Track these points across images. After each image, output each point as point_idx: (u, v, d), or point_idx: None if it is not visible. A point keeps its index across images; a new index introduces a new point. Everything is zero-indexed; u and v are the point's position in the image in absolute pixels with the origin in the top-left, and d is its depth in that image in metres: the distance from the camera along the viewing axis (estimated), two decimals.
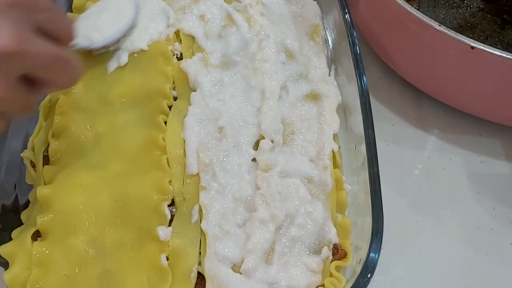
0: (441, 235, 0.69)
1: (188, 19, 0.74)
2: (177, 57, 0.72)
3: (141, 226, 0.57)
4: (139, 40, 0.70)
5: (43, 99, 0.69)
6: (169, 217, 0.57)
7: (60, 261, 0.55)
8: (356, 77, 0.65)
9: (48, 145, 0.63)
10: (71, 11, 0.78)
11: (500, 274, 0.66)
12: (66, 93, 0.67)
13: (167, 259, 0.55)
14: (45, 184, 0.60)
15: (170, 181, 0.60)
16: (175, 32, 0.74)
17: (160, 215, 0.57)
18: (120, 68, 0.69)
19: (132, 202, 0.58)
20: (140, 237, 0.56)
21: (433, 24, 0.66)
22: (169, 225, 0.57)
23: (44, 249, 0.55)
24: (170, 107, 0.67)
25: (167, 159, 0.61)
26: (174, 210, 0.59)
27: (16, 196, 0.63)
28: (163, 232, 0.56)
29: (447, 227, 0.69)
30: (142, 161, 0.61)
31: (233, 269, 0.54)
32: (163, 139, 0.63)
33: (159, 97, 0.67)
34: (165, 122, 0.65)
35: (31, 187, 0.64)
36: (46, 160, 0.63)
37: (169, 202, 0.59)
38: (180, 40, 0.74)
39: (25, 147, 0.66)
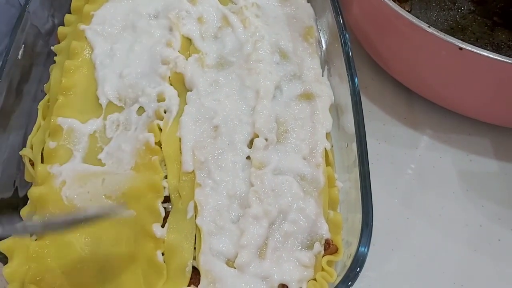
0: (431, 231, 0.70)
1: (186, 22, 0.76)
2: None
3: (136, 223, 0.58)
4: None
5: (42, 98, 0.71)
6: (163, 214, 0.59)
7: (57, 259, 0.56)
8: (348, 78, 0.66)
9: None
10: (70, 12, 0.80)
11: (488, 270, 0.67)
12: (65, 95, 0.68)
13: (163, 255, 0.57)
14: (39, 183, 0.61)
15: (166, 177, 0.61)
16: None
17: (155, 213, 0.59)
18: None
19: (127, 200, 0.59)
20: (135, 234, 0.58)
21: (423, 26, 0.67)
22: (165, 221, 0.59)
23: (41, 248, 0.56)
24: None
25: (162, 158, 0.63)
26: (170, 206, 0.60)
27: (16, 192, 0.65)
28: (159, 229, 0.57)
29: (437, 224, 0.71)
30: (136, 161, 0.63)
31: (227, 263, 0.56)
32: (158, 143, 0.64)
33: None
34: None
35: (30, 184, 0.65)
36: None
37: (162, 199, 0.60)
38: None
39: (24, 144, 0.67)
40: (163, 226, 0.58)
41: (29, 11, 0.71)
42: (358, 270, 0.52)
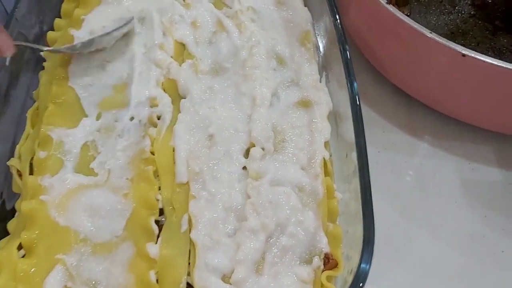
0: (432, 242, 0.68)
1: (179, 26, 0.73)
2: None
3: (130, 243, 0.56)
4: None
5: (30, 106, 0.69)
6: (157, 232, 0.57)
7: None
8: (347, 84, 0.65)
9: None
10: (59, 17, 0.77)
11: (492, 282, 0.66)
12: (55, 103, 0.66)
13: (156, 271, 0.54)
14: (29, 195, 0.58)
15: (159, 188, 0.60)
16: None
17: (148, 231, 0.56)
18: None
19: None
20: (128, 255, 0.55)
21: (424, 31, 0.65)
22: (158, 235, 0.57)
23: (29, 267, 0.54)
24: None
25: (155, 168, 0.60)
26: (163, 219, 0.58)
27: (3, 204, 0.62)
28: (153, 248, 0.55)
29: (438, 234, 0.69)
30: (129, 171, 0.61)
31: (223, 279, 0.54)
32: (152, 152, 0.62)
33: None
34: None
35: (18, 195, 0.63)
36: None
37: (157, 217, 0.58)
38: None
39: (12, 154, 0.65)
40: (155, 242, 0.56)
41: (16, 18, 0.69)
42: (360, 285, 0.50)
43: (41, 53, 0.74)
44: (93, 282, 0.54)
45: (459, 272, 0.66)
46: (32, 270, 0.54)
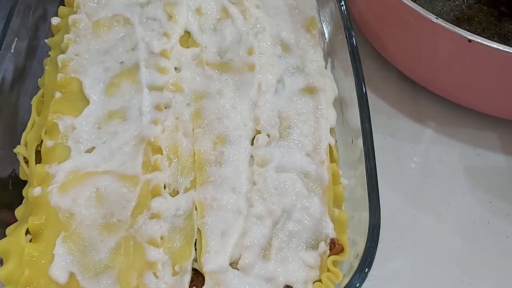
0: (437, 228, 0.69)
1: (184, 13, 0.73)
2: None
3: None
4: None
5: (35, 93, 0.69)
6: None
7: None
8: (353, 70, 0.65)
9: (42, 141, 0.62)
10: (63, 4, 0.77)
11: (496, 267, 0.66)
12: (62, 91, 0.66)
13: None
14: (37, 183, 0.59)
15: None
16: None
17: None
18: None
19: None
20: (133, 241, 0.56)
21: (430, 16, 0.65)
22: None
23: (35, 252, 0.54)
24: None
25: (160, 155, 0.60)
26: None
27: (11, 191, 0.63)
28: None
29: (443, 220, 0.69)
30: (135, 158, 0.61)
31: (230, 265, 0.54)
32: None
33: None
34: None
35: (25, 182, 0.63)
36: (40, 156, 0.62)
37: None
38: None
39: (17, 141, 0.65)
40: None
41: (20, 8, 0.69)
42: (366, 271, 0.51)
43: (46, 40, 0.74)
44: (99, 267, 0.54)
45: (464, 257, 0.67)
46: (39, 254, 0.54)
